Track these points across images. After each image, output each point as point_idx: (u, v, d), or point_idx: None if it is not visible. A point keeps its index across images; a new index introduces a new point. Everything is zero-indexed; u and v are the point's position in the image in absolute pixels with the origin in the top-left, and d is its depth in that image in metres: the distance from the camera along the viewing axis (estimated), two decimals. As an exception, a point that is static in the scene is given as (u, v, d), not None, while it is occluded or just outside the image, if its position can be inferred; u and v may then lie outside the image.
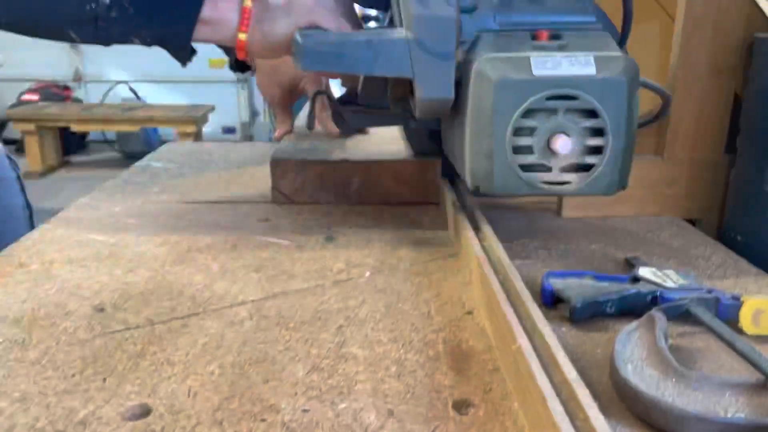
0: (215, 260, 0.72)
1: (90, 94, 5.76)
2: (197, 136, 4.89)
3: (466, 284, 0.67)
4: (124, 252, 0.74)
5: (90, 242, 0.77)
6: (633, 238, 0.79)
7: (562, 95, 0.59)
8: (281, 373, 0.50)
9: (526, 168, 0.61)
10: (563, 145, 0.59)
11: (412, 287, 0.66)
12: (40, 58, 5.42)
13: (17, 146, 4.99)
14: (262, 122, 6.00)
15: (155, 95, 5.56)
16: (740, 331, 0.54)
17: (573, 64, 0.59)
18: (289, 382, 0.49)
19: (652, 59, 0.98)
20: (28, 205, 1.14)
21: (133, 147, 5.14)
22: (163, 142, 1.41)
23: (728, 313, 0.55)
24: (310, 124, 0.93)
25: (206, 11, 0.70)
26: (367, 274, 0.69)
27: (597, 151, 0.61)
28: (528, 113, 0.59)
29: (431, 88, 0.65)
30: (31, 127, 4.77)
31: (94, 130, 5.28)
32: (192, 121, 4.87)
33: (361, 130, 1.08)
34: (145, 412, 0.46)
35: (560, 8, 0.67)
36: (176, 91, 5.62)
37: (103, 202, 0.94)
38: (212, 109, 5.16)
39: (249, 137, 5.92)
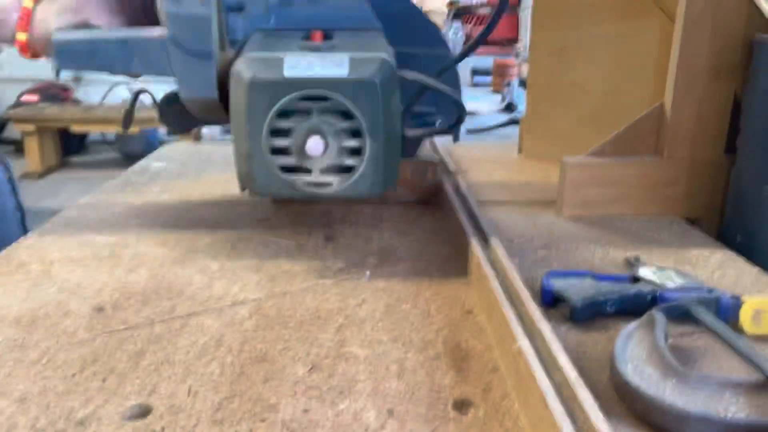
0: (215, 260, 0.72)
1: (90, 95, 5.75)
2: (197, 136, 4.89)
3: (466, 284, 0.67)
4: (124, 252, 0.74)
5: (90, 242, 0.77)
6: (633, 237, 0.79)
7: (314, 96, 0.58)
8: (281, 373, 0.50)
9: (285, 169, 0.61)
10: (315, 146, 0.59)
11: (412, 287, 0.66)
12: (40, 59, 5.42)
13: (17, 147, 4.99)
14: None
15: (155, 95, 5.55)
16: (740, 331, 0.54)
17: (326, 65, 0.58)
18: (289, 381, 0.49)
19: (652, 60, 0.98)
20: (20, 207, 1.13)
21: (132, 148, 5.13)
22: (162, 143, 1.41)
23: (728, 312, 0.55)
24: (126, 124, 0.90)
25: None
26: (367, 273, 0.69)
27: (355, 152, 0.60)
28: (283, 114, 0.59)
29: (192, 88, 0.64)
30: (31, 127, 4.76)
31: (93, 131, 5.28)
32: (192, 121, 4.86)
33: (189, 130, 1.04)
34: (145, 411, 0.46)
35: (339, 8, 0.67)
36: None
37: (103, 202, 0.93)
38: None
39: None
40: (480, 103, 1.92)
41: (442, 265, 0.71)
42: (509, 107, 1.81)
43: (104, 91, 5.55)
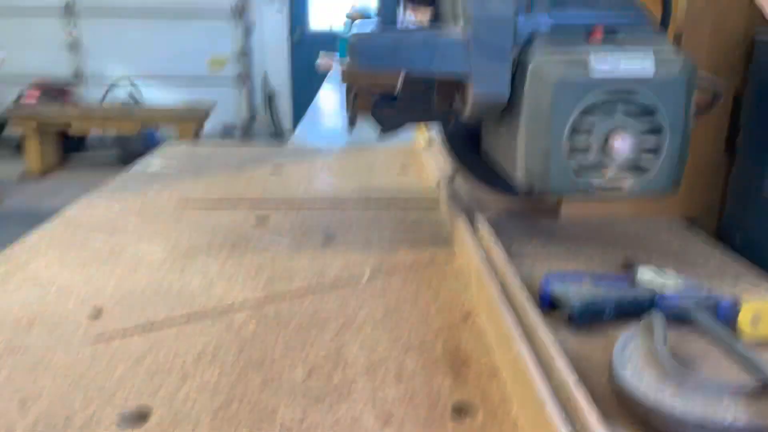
0: (214, 262, 0.72)
1: (90, 94, 5.75)
2: (197, 136, 4.88)
3: (465, 287, 0.66)
4: (124, 253, 0.74)
5: (89, 243, 0.77)
6: (632, 238, 0.79)
7: (620, 94, 0.59)
8: (279, 377, 0.50)
9: (581, 168, 0.61)
10: (622, 143, 0.59)
11: (411, 290, 0.66)
12: (41, 58, 5.42)
13: (17, 146, 4.99)
14: (262, 121, 5.99)
15: (155, 94, 5.56)
16: (739, 334, 0.54)
17: (632, 63, 0.59)
18: (288, 385, 0.49)
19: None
20: None
21: (132, 147, 5.13)
22: (162, 143, 1.41)
23: (727, 315, 0.55)
24: (352, 121, 0.92)
25: None
26: (366, 276, 0.69)
27: (653, 150, 0.60)
28: (585, 113, 0.59)
29: (487, 87, 0.65)
30: (31, 127, 4.76)
31: (93, 132, 5.28)
32: (192, 120, 4.86)
33: (398, 130, 1.06)
34: (143, 415, 0.45)
35: (612, 7, 0.67)
36: (176, 91, 5.61)
37: (103, 202, 0.93)
38: (212, 108, 5.15)
39: (249, 136, 5.91)
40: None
41: (440, 268, 0.71)
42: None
43: (104, 91, 5.54)
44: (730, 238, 0.79)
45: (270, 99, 5.93)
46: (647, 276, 0.61)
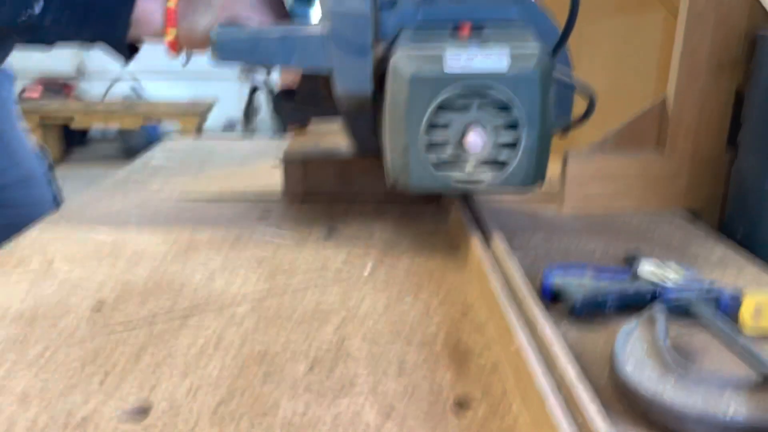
0: (215, 256, 0.72)
1: (92, 90, 5.75)
2: (199, 131, 4.89)
3: (467, 281, 0.66)
4: (125, 248, 0.74)
5: (90, 238, 0.77)
6: (634, 233, 0.79)
7: (475, 90, 0.59)
8: (281, 371, 0.50)
9: (440, 164, 0.62)
10: (475, 139, 0.59)
11: (413, 284, 0.66)
12: (42, 53, 5.42)
13: (19, 141, 5.00)
14: (264, 117, 6.00)
15: (157, 90, 5.56)
16: (741, 328, 0.54)
17: (487, 59, 0.59)
18: (289, 380, 0.49)
19: (654, 54, 0.98)
20: (56, 198, 1.15)
21: (134, 143, 5.13)
22: (163, 138, 1.41)
23: (729, 308, 0.55)
24: (247, 119, 0.94)
25: (137, 12, 0.73)
26: (368, 270, 0.69)
27: (510, 146, 0.61)
28: (441, 109, 0.59)
29: (348, 83, 0.66)
30: (34, 121, 4.77)
31: (95, 126, 5.28)
32: (194, 116, 4.86)
33: (302, 124, 1.07)
34: (144, 410, 0.46)
35: (483, 3, 0.68)
36: (178, 86, 5.62)
37: (104, 198, 0.93)
38: (214, 104, 5.15)
39: (250, 132, 5.92)
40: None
41: (442, 261, 0.71)
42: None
43: (106, 87, 5.54)
44: (732, 232, 0.79)
45: (272, 94, 5.93)
46: (649, 269, 0.61)
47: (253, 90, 1.11)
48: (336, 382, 0.49)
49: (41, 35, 0.75)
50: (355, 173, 0.91)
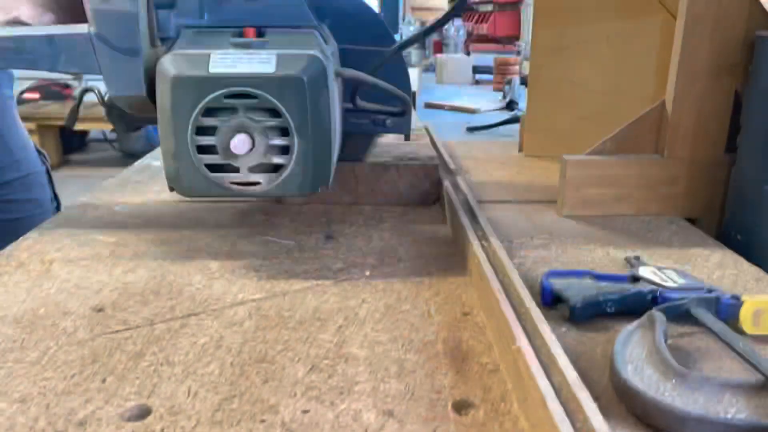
0: (215, 259, 0.72)
1: (91, 93, 5.75)
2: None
3: (466, 284, 0.66)
4: (124, 251, 0.74)
5: (90, 241, 0.77)
6: (633, 237, 0.79)
7: (240, 93, 0.58)
8: (281, 374, 0.50)
9: (213, 168, 0.61)
10: (240, 144, 0.59)
11: (412, 287, 0.66)
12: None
13: (18, 144, 5.00)
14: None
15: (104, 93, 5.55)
16: (740, 331, 0.54)
17: (253, 62, 0.58)
18: (289, 382, 0.49)
19: (653, 58, 0.98)
20: (56, 197, 1.15)
21: (133, 146, 5.13)
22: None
23: (728, 312, 0.55)
24: (70, 123, 0.90)
25: None
26: (367, 273, 0.69)
27: (285, 150, 0.60)
28: (209, 112, 0.59)
29: (119, 86, 0.63)
30: (32, 125, 4.77)
31: (94, 129, 5.28)
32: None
33: (135, 130, 1.05)
34: (144, 412, 0.46)
35: (275, 6, 0.66)
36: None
37: (103, 201, 0.93)
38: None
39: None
40: (480, 101, 1.92)
41: (442, 264, 0.71)
42: (510, 105, 1.81)
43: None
44: (730, 238, 0.79)
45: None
46: (648, 273, 0.61)
47: (83, 92, 1.05)
48: (336, 384, 0.49)
49: None
50: (353, 177, 0.91)
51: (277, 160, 0.61)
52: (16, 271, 0.69)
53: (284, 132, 0.60)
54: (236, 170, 0.61)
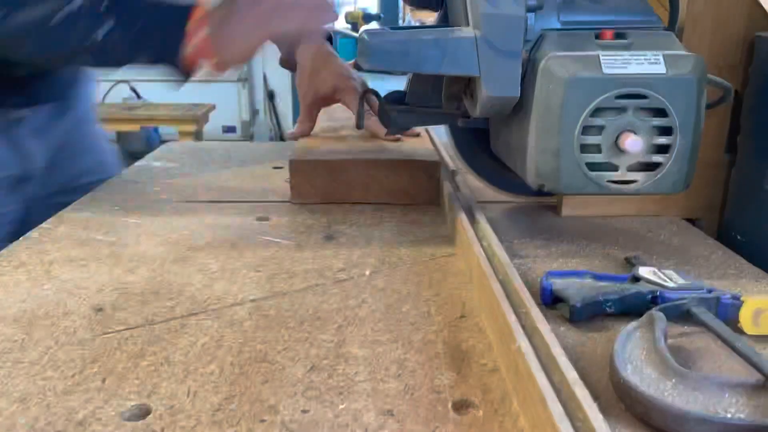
0: (215, 260, 0.72)
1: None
2: (198, 135, 4.88)
3: (466, 284, 0.66)
4: (124, 251, 0.74)
5: (90, 242, 0.77)
6: (633, 237, 0.79)
7: (631, 94, 0.60)
8: (281, 373, 0.50)
9: (592, 167, 0.62)
10: (632, 143, 0.60)
11: (412, 287, 0.66)
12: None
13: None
14: (263, 121, 6.00)
15: (156, 94, 5.57)
16: (740, 331, 0.54)
17: (642, 63, 0.60)
18: (289, 382, 0.49)
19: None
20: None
21: (133, 146, 5.13)
22: (163, 142, 1.41)
23: (728, 312, 0.55)
24: (359, 123, 0.94)
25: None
26: (367, 273, 0.69)
27: (664, 149, 0.61)
28: (596, 111, 0.60)
29: (498, 87, 0.65)
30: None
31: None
32: (193, 120, 4.86)
33: (410, 131, 1.07)
34: (144, 412, 0.46)
35: (622, 8, 0.68)
36: (177, 91, 5.62)
37: (103, 201, 0.93)
38: (213, 108, 5.15)
39: (249, 136, 5.92)
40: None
41: (442, 265, 0.71)
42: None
43: (105, 90, 5.55)
44: (730, 238, 0.79)
45: (270, 99, 5.94)
46: (648, 273, 0.61)
47: (365, 92, 1.10)
48: (336, 384, 0.49)
49: (104, 58, 0.82)
50: (356, 177, 0.91)
51: (657, 158, 0.62)
52: (16, 270, 0.69)
53: (667, 131, 0.61)
54: (615, 169, 0.62)
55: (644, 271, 0.61)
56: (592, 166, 0.62)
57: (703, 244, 0.77)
